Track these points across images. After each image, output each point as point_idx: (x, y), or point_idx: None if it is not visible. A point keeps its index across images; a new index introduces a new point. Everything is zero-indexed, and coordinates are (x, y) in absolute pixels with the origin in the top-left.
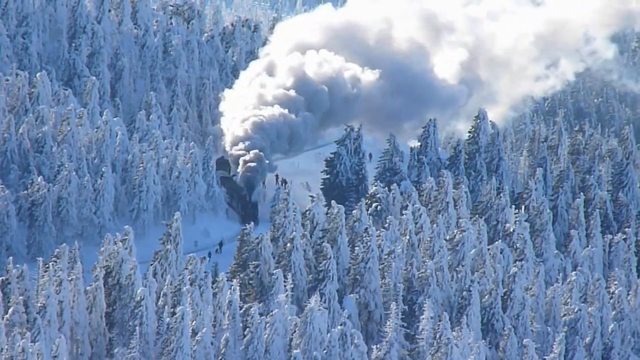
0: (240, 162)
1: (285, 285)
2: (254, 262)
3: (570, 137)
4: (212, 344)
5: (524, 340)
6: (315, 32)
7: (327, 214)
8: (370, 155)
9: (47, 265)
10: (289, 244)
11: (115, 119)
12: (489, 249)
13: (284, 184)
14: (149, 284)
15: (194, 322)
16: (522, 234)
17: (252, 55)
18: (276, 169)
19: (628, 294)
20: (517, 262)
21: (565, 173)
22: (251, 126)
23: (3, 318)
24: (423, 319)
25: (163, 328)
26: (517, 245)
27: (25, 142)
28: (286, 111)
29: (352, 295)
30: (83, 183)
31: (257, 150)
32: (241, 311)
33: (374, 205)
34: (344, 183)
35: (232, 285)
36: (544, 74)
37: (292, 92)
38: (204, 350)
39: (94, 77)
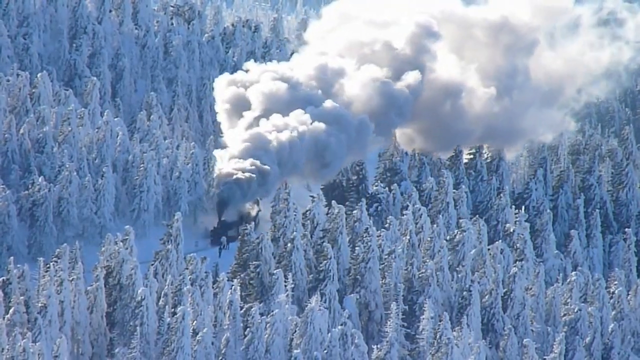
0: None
1: (285, 285)
2: (254, 262)
3: (570, 137)
4: (212, 344)
5: (524, 340)
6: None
7: (327, 214)
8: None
9: (48, 265)
10: (289, 244)
11: (115, 119)
12: (489, 249)
13: (284, 184)
14: (149, 284)
15: (195, 322)
16: (522, 234)
17: (253, 55)
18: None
19: (628, 294)
20: (517, 262)
21: (565, 173)
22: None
23: (4, 318)
24: (423, 319)
25: (164, 328)
26: (517, 245)
27: (26, 143)
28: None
29: (352, 295)
30: (84, 183)
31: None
32: (242, 311)
33: (374, 205)
34: (345, 183)
35: (232, 285)
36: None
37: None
38: (204, 350)
39: (95, 78)
